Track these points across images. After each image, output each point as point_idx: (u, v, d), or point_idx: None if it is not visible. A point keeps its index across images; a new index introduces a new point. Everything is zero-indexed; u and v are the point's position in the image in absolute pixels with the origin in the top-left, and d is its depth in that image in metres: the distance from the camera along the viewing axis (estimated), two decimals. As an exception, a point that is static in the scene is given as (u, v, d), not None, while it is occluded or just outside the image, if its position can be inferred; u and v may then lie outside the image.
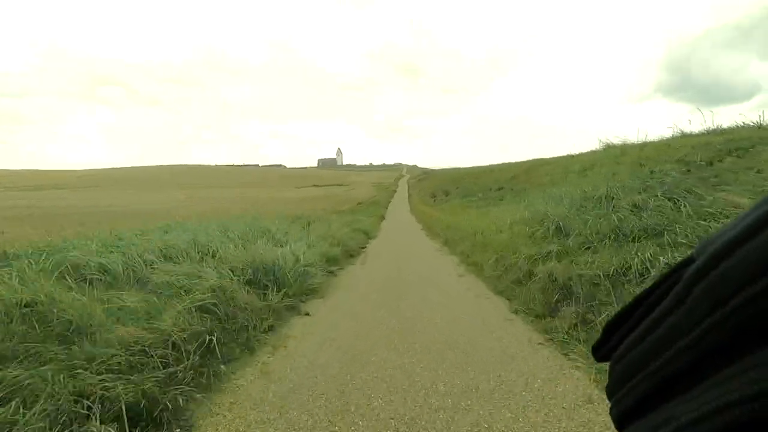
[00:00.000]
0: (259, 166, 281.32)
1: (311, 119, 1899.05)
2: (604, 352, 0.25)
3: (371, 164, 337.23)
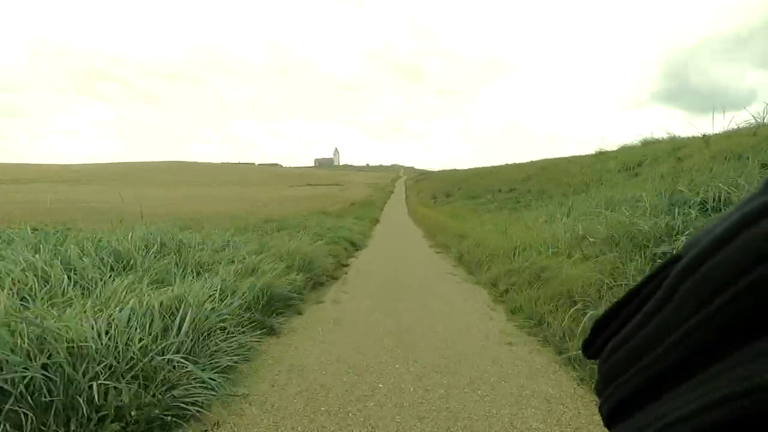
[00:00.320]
0: (255, 164, 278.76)
1: (309, 119, 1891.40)
2: (594, 349, 0.24)
3: (368, 165, 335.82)
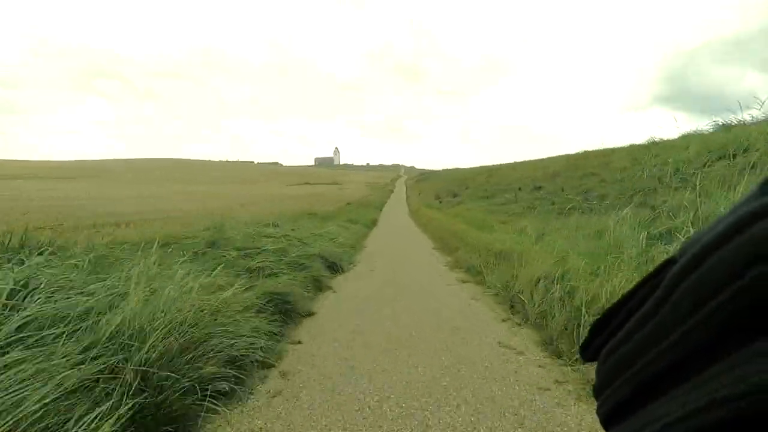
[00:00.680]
0: (254, 163, 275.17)
1: (309, 118, 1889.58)
2: (591, 352, 0.24)
3: (368, 164, 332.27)
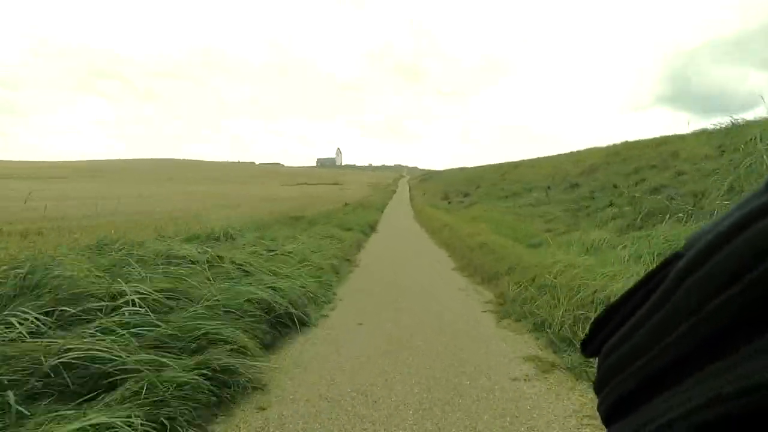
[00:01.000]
0: (254, 163, 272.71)
1: (312, 119, 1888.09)
2: (593, 347, 0.23)
3: (371, 165, 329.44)
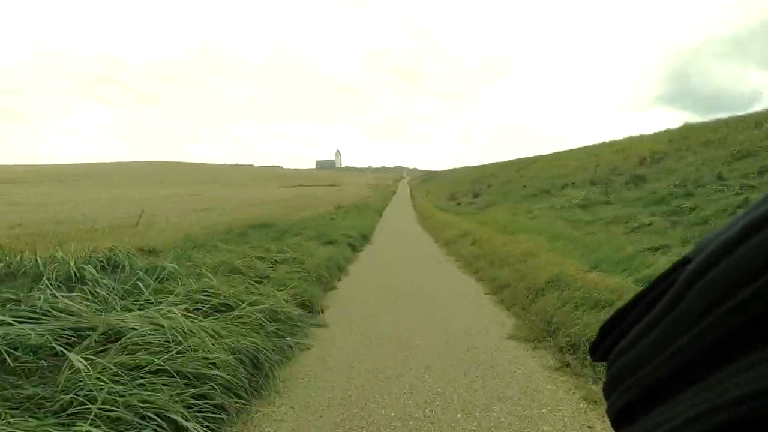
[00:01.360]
0: (253, 166, 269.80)
1: (311, 121, 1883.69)
2: (601, 351, 0.23)
3: (370, 167, 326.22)
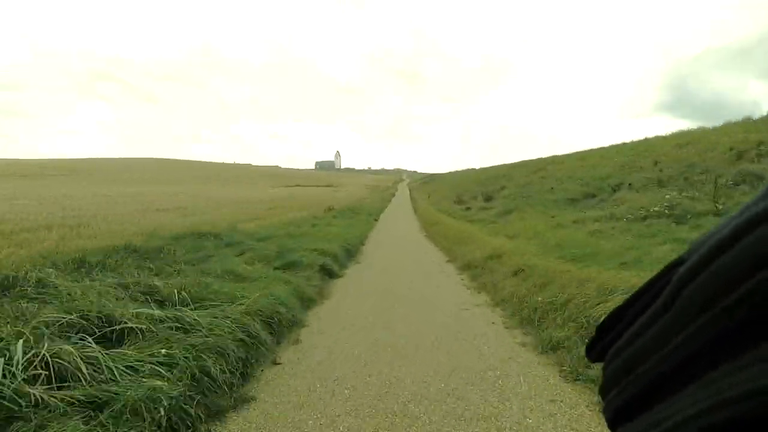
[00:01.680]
0: (251, 165, 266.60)
1: (311, 122, 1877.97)
2: (597, 352, 0.24)
3: (370, 168, 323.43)
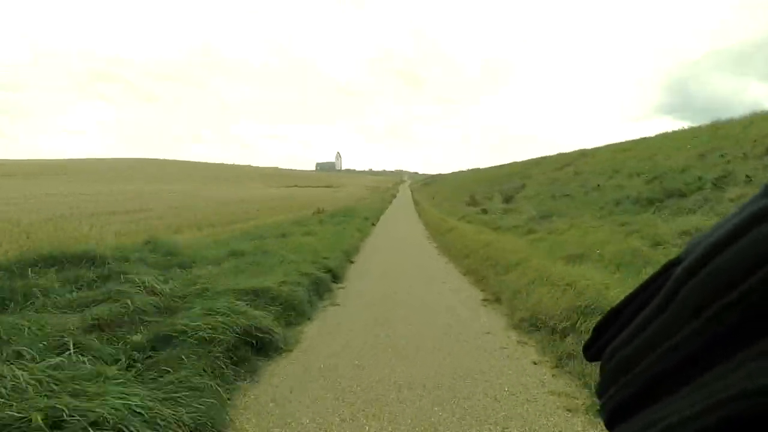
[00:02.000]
0: (251, 165, 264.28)
1: (312, 122, 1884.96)
2: (594, 351, 0.24)
3: (371, 169, 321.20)
